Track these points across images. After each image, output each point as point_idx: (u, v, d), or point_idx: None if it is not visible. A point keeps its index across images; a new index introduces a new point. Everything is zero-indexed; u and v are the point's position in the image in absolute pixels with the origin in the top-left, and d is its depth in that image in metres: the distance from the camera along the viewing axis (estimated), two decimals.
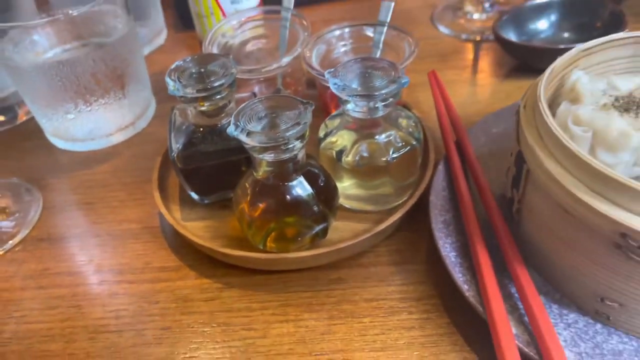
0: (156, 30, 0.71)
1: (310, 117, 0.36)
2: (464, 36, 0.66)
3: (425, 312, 0.37)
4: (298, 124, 0.35)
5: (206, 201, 0.45)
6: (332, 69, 0.39)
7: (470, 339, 0.35)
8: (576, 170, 0.30)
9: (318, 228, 0.39)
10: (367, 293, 0.39)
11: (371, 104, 0.38)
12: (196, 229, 0.44)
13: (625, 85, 0.36)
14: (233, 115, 0.36)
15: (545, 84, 0.35)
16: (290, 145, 0.35)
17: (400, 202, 0.43)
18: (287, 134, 0.34)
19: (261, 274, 0.41)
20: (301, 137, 0.36)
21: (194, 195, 0.45)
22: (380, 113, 0.39)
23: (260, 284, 0.41)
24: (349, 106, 0.39)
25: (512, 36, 0.58)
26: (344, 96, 0.38)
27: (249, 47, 0.51)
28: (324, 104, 0.49)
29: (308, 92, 0.53)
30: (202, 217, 0.45)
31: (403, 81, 0.37)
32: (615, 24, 0.54)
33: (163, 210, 0.43)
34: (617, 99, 0.35)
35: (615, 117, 0.34)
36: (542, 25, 0.58)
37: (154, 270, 0.43)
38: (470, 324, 0.36)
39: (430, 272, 0.40)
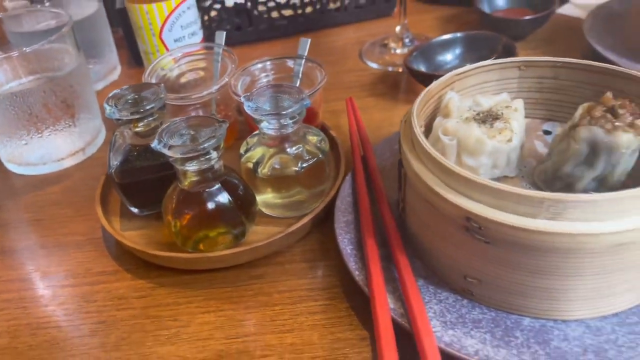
0: (110, 67, 0.78)
1: (225, 132, 0.42)
2: (390, 69, 0.74)
3: (329, 299, 0.43)
4: (214, 137, 0.41)
5: (144, 213, 0.51)
6: (248, 94, 0.46)
7: (365, 320, 0.41)
8: (435, 169, 0.37)
9: (237, 231, 0.45)
10: (282, 286, 0.45)
11: (281, 121, 0.45)
12: (134, 237, 0.49)
13: (487, 102, 0.44)
14: (158, 133, 0.42)
15: (419, 103, 0.43)
16: (208, 156, 0.42)
17: (315, 207, 0.49)
18: (205, 145, 0.41)
19: (190, 273, 0.46)
20: (217, 148, 0.42)
21: (132, 208, 0.50)
22: (290, 130, 0.45)
23: (188, 282, 0.46)
24: (263, 125, 0.45)
25: (422, 67, 0.66)
26: (256, 116, 0.44)
27: (186, 78, 0.58)
28: (250, 126, 0.55)
29: (238, 117, 0.60)
30: (139, 227, 0.50)
31: (305, 102, 0.44)
32: (508, 54, 0.63)
33: (103, 221, 0.49)
34: (478, 114, 0.43)
35: (474, 127, 0.41)
36: (448, 57, 0.67)
37: (94, 275, 0.48)
38: (365, 308, 0.41)
39: (336, 267, 0.45)
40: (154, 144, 0.41)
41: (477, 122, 0.42)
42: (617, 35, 0.66)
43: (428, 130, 0.45)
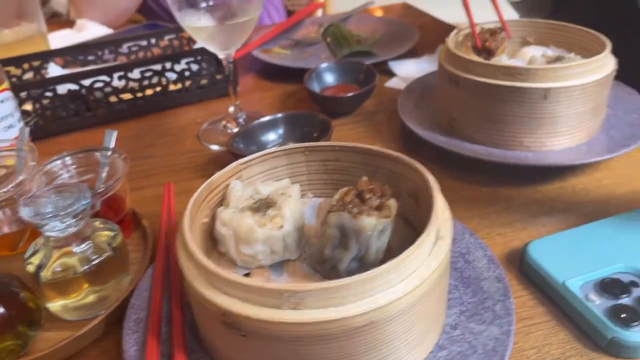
0: None
1: None
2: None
3: None
4: None
5: None
6: (24, 198, 0.44)
7: None
8: (196, 267, 0.37)
9: (17, 343, 0.43)
10: None
11: (65, 221, 0.44)
12: None
13: (266, 189, 0.46)
14: None
15: (198, 195, 0.43)
16: None
17: (118, 304, 0.47)
18: None
19: None
20: None
21: None
22: (74, 229, 0.44)
23: None
24: (46, 227, 0.44)
25: (249, 148, 0.68)
26: (35, 221, 0.43)
27: None
28: None
29: None
30: None
31: (84, 202, 0.44)
32: (325, 130, 0.66)
33: None
34: (255, 202, 0.44)
35: (247, 216, 0.42)
36: (272, 136, 0.69)
37: None
38: None
39: None
40: None
41: (252, 211, 0.43)
42: (425, 109, 0.72)
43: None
